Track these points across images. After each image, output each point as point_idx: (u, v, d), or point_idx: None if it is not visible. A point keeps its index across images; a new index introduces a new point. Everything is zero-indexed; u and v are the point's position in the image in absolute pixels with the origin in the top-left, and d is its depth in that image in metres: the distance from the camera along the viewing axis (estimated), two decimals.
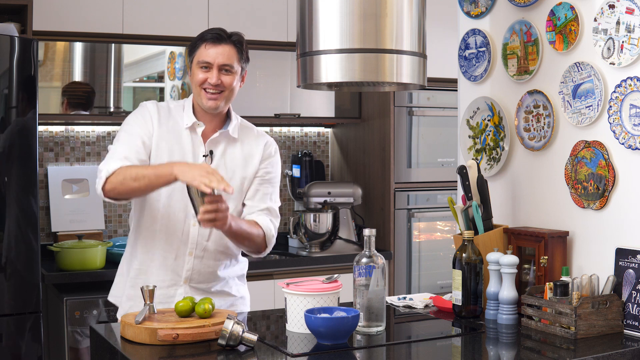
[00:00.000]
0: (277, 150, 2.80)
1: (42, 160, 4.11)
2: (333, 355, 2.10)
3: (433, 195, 4.56)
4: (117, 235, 4.28)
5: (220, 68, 2.62)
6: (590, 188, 2.50)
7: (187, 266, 2.66)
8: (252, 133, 2.78)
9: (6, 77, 3.21)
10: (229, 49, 2.63)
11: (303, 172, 4.65)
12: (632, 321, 2.32)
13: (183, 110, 2.70)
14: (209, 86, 2.62)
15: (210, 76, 2.61)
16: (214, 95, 2.63)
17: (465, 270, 2.49)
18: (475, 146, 2.92)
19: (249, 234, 2.62)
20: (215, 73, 2.61)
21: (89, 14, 3.88)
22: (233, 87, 2.66)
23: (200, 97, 2.64)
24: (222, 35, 2.64)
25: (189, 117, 2.67)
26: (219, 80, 2.61)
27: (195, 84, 2.64)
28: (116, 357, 2.17)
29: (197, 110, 2.70)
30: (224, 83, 2.63)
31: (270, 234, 2.70)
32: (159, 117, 2.67)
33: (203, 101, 2.64)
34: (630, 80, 2.39)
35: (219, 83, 2.62)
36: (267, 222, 2.69)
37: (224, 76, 2.63)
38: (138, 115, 2.68)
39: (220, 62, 2.62)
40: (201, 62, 2.62)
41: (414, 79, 2.44)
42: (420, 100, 4.52)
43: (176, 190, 2.63)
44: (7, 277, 3.20)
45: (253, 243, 2.66)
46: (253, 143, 2.75)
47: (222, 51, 2.62)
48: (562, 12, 2.59)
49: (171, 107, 2.72)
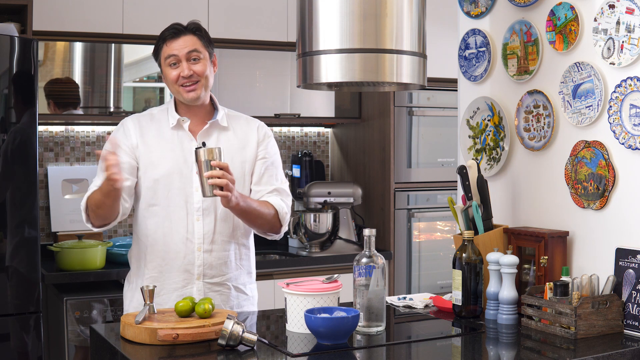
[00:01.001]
0: (270, 131, 2.83)
1: (42, 160, 4.11)
2: (333, 355, 2.10)
3: (433, 195, 4.56)
4: (117, 235, 4.28)
5: (188, 57, 2.64)
6: (590, 188, 2.50)
7: (197, 262, 2.66)
8: (242, 119, 2.81)
9: (6, 77, 3.21)
10: (189, 38, 2.66)
11: (303, 172, 4.65)
12: (632, 321, 2.32)
13: (167, 112, 2.72)
14: (183, 80, 2.65)
15: (181, 70, 2.64)
16: (191, 87, 2.65)
17: (465, 270, 2.49)
18: (475, 146, 2.92)
19: (260, 212, 2.64)
20: (185, 64, 2.64)
21: (89, 14, 3.88)
22: (207, 74, 2.68)
23: (179, 93, 2.67)
24: (179, 28, 2.68)
25: (173, 116, 2.70)
26: (191, 70, 2.64)
27: (171, 83, 2.67)
28: (116, 357, 2.17)
29: (180, 109, 2.73)
30: (197, 72, 2.65)
31: (283, 211, 2.71)
32: (140, 127, 2.70)
33: (183, 96, 2.66)
34: (630, 80, 2.39)
35: (192, 73, 2.64)
36: (278, 201, 2.71)
37: (194, 65, 2.65)
38: (118, 135, 2.71)
39: (185, 51, 2.64)
40: (167, 57, 2.65)
41: (414, 79, 2.44)
42: (420, 100, 4.52)
43: (174, 189, 2.64)
44: (7, 277, 3.20)
45: (266, 222, 2.67)
46: (245, 128, 2.78)
47: (183, 42, 2.65)
48: (562, 12, 2.59)
49: (154, 113, 2.76)
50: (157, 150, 2.67)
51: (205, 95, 2.70)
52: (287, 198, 2.76)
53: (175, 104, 2.73)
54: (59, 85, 3.92)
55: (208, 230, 2.66)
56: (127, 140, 2.68)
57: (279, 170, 2.80)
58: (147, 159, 2.67)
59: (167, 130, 2.70)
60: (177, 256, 2.65)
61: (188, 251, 2.66)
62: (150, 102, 4.24)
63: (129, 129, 2.70)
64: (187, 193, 2.65)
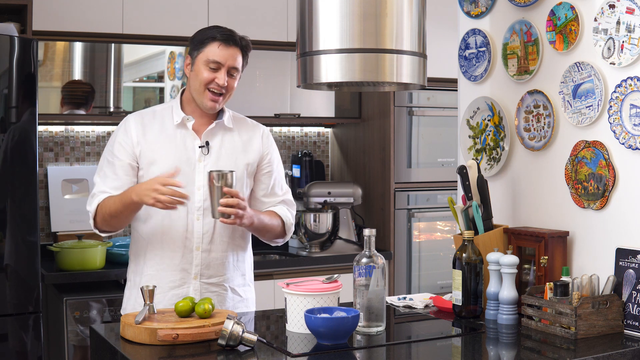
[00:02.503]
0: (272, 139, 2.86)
1: (42, 160, 4.11)
2: (333, 356, 2.10)
3: (433, 195, 4.56)
4: (117, 235, 4.28)
5: (229, 70, 2.63)
6: (591, 188, 2.50)
7: (195, 261, 2.66)
8: (247, 122, 2.82)
9: (6, 77, 3.20)
10: (238, 52, 2.66)
11: (303, 172, 4.65)
12: (632, 321, 2.32)
13: (172, 110, 2.71)
14: (216, 87, 2.63)
15: (218, 77, 2.62)
16: (216, 97, 2.64)
17: (465, 270, 2.49)
18: (476, 146, 2.92)
19: (270, 226, 2.73)
20: (224, 74, 2.62)
21: (89, 14, 3.88)
22: (233, 90, 2.69)
23: (202, 96, 2.65)
24: (234, 37, 2.65)
25: (178, 114, 2.69)
26: (226, 82, 2.63)
27: (201, 82, 2.63)
28: (116, 357, 2.17)
29: (185, 107, 2.72)
30: (230, 86, 2.66)
31: (289, 222, 2.79)
32: (142, 125, 2.69)
33: (204, 101, 2.64)
34: (630, 80, 2.39)
35: (226, 85, 2.63)
36: (284, 212, 2.79)
37: (229, 79, 2.65)
38: (119, 133, 2.70)
39: (231, 64, 2.63)
40: (211, 61, 2.62)
41: (414, 79, 2.44)
42: (420, 100, 4.52)
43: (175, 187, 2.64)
44: (7, 277, 3.19)
45: (274, 234, 2.77)
46: (250, 131, 2.79)
47: (232, 53, 2.63)
48: (562, 12, 2.59)
49: (157, 110, 2.75)
50: (160, 148, 2.66)
51: (220, 107, 2.71)
52: (292, 208, 2.84)
53: (181, 103, 2.72)
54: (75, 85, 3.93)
55: (207, 230, 2.66)
56: (128, 139, 2.67)
57: (281, 174, 2.85)
58: (148, 156, 2.66)
59: (170, 128, 2.69)
60: (175, 255, 2.65)
61: (186, 250, 2.65)
62: (150, 102, 4.24)
63: (130, 127, 2.68)
64: (188, 192, 2.64)
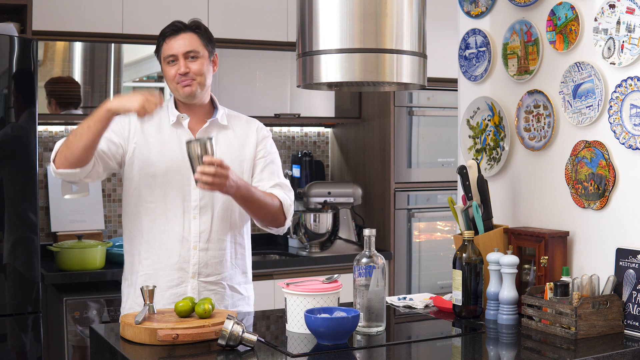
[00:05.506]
0: (269, 132, 2.84)
1: (42, 160, 4.11)
2: (333, 356, 2.10)
3: (433, 195, 4.56)
4: (116, 236, 4.28)
5: (186, 56, 2.66)
6: (591, 188, 2.50)
7: (193, 260, 2.66)
8: (242, 119, 2.82)
9: (6, 77, 3.20)
10: (189, 36, 2.68)
11: (303, 172, 4.65)
12: (633, 321, 2.32)
13: (167, 110, 2.73)
14: (180, 77, 2.66)
15: (178, 67, 2.66)
16: (187, 82, 2.66)
17: (466, 270, 2.49)
18: (476, 146, 2.92)
19: (264, 201, 2.64)
20: (182, 62, 2.65)
21: (89, 13, 3.88)
22: (203, 72, 2.68)
23: (176, 90, 2.69)
24: (179, 26, 2.69)
25: (172, 113, 2.71)
26: (187, 68, 2.65)
27: (169, 80, 2.69)
28: (116, 357, 2.17)
29: (180, 107, 2.74)
30: (193, 70, 2.66)
31: (287, 203, 2.71)
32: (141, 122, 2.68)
33: (179, 92, 2.68)
34: (630, 80, 2.39)
35: (188, 71, 2.65)
36: (282, 194, 2.72)
37: (191, 63, 2.66)
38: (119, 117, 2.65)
39: (183, 50, 2.66)
40: (166, 56, 2.67)
41: (414, 79, 2.44)
42: (420, 100, 4.52)
43: (172, 187, 2.64)
44: (6, 277, 3.19)
45: (269, 213, 2.67)
46: (245, 128, 2.79)
47: (182, 41, 2.67)
48: (562, 12, 2.59)
49: None
50: (156, 147, 2.67)
51: (203, 94, 2.71)
52: (290, 192, 2.76)
53: (175, 103, 2.74)
54: (61, 84, 3.92)
55: (205, 229, 2.66)
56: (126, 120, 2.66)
57: (279, 168, 2.81)
58: (145, 155, 2.66)
59: (166, 128, 2.70)
60: (172, 254, 2.65)
61: (183, 249, 2.65)
62: None
63: (131, 118, 2.68)
64: (185, 191, 2.65)
